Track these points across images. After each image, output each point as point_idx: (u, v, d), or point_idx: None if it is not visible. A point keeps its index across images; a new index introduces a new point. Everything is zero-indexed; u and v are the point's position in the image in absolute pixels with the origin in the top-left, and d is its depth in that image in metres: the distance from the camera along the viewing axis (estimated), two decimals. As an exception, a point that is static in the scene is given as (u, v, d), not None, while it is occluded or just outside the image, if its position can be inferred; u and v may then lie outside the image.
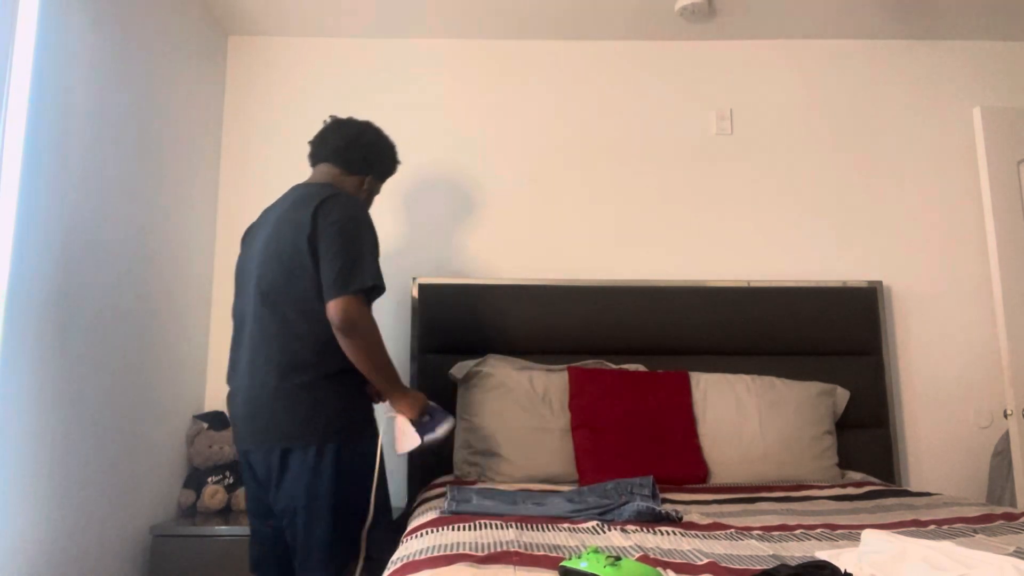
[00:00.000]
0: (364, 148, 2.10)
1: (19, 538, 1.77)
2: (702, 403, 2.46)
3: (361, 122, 2.14)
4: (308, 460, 1.78)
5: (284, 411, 1.82)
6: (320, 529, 1.79)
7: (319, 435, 1.79)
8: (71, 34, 1.98)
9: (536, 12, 2.82)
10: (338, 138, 2.08)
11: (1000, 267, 2.70)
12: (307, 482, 1.79)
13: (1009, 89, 3.00)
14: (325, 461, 1.78)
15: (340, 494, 1.79)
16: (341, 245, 1.80)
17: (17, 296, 1.76)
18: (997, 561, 1.05)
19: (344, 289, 1.76)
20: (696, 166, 2.94)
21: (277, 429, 1.82)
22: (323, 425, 1.80)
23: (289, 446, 1.80)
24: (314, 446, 1.78)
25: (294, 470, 1.79)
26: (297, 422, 1.81)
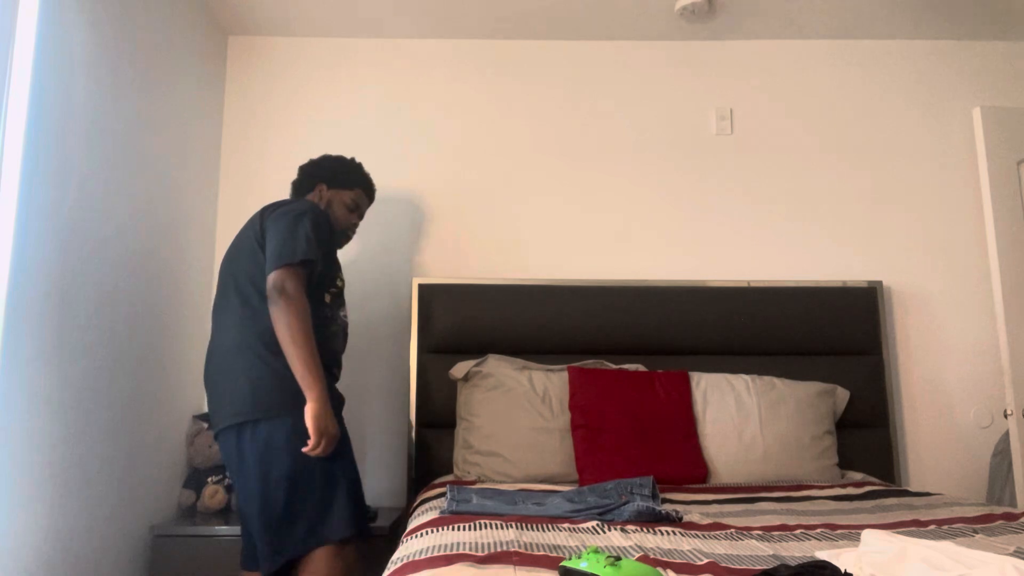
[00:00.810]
0: (307, 169, 2.29)
1: (19, 538, 1.77)
2: (702, 403, 2.46)
3: (314, 158, 2.34)
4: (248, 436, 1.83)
5: (218, 388, 1.91)
6: (253, 511, 1.82)
7: (246, 411, 1.83)
8: (71, 34, 1.98)
9: (536, 12, 2.82)
10: (295, 180, 2.32)
11: (1000, 267, 2.70)
12: (242, 463, 1.84)
13: (1009, 89, 3.00)
14: (263, 437, 1.82)
15: (265, 474, 1.80)
16: (281, 227, 1.91)
17: (17, 296, 1.76)
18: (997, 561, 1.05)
19: (277, 261, 1.85)
20: (696, 166, 2.94)
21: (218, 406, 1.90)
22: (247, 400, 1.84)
23: (230, 424, 1.86)
24: (236, 424, 1.83)
25: (239, 447, 1.85)
26: (226, 399, 1.88)
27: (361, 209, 2.31)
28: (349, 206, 2.26)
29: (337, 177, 2.27)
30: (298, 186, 2.30)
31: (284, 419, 1.82)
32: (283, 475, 1.80)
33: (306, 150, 2.92)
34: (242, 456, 1.83)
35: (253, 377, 1.85)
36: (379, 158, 2.90)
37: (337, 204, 2.25)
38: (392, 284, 2.83)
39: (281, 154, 2.92)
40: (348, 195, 2.26)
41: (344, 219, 2.26)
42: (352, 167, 2.31)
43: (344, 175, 2.27)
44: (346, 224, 2.28)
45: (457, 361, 2.56)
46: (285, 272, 1.84)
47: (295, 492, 1.80)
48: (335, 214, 2.24)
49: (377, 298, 2.83)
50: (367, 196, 2.34)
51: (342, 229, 2.28)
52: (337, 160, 2.31)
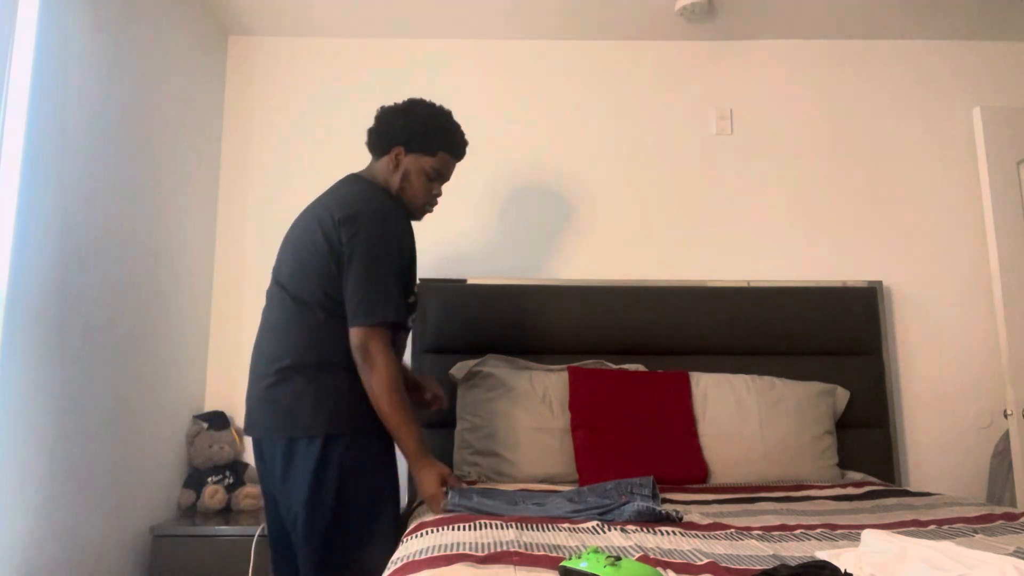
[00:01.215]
0: (384, 124, 1.93)
1: (19, 538, 1.77)
2: (702, 403, 2.46)
3: (400, 103, 1.97)
4: (302, 452, 1.71)
5: (273, 402, 1.77)
6: (306, 531, 1.72)
7: (303, 425, 1.72)
8: (71, 34, 1.98)
9: (536, 12, 2.82)
10: (372, 127, 1.98)
11: (1000, 267, 2.70)
12: (290, 477, 1.73)
13: (1009, 89, 2.99)
14: (316, 454, 1.70)
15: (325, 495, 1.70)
16: (366, 264, 1.72)
17: (17, 296, 1.76)
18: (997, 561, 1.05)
19: (365, 319, 1.70)
20: (696, 166, 2.94)
21: (267, 420, 1.77)
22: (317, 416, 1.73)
23: (285, 437, 1.74)
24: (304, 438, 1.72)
25: (290, 462, 1.73)
26: (288, 412, 1.75)
27: (445, 176, 1.96)
28: (430, 175, 1.92)
29: (415, 140, 1.90)
30: (373, 142, 1.95)
31: (339, 438, 1.73)
32: (331, 493, 1.70)
33: (306, 150, 2.92)
34: (291, 468, 1.73)
35: (312, 393, 1.74)
36: (379, 158, 2.90)
37: (415, 174, 1.91)
38: (392, 284, 2.83)
39: (281, 154, 2.92)
40: (429, 163, 1.91)
41: (422, 192, 1.92)
42: (434, 126, 1.92)
43: (425, 137, 1.90)
44: (424, 199, 1.94)
45: (457, 361, 2.56)
46: (368, 334, 1.70)
47: (341, 512, 1.71)
48: (412, 187, 1.91)
49: (377, 298, 2.82)
50: (454, 158, 1.97)
51: (421, 204, 1.95)
52: (417, 116, 1.92)
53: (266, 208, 2.88)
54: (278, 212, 2.87)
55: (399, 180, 1.91)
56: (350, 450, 1.74)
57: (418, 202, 1.94)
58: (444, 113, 1.96)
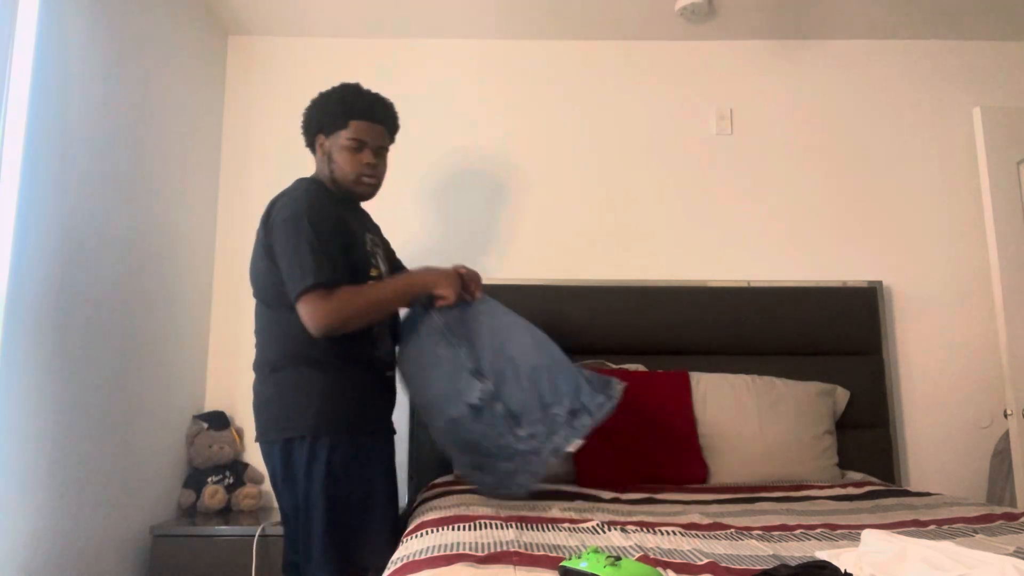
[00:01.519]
0: (303, 124, 1.98)
1: (19, 538, 1.77)
2: (702, 403, 2.46)
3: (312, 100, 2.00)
4: (296, 455, 1.74)
5: (263, 406, 1.82)
6: (307, 531, 1.74)
7: (291, 427, 1.74)
8: (71, 34, 1.98)
9: (536, 12, 2.82)
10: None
11: (1000, 267, 2.70)
12: (286, 480, 1.76)
13: (1009, 89, 2.99)
14: (305, 456, 1.72)
15: (316, 494, 1.72)
16: (282, 244, 1.75)
17: (17, 296, 1.76)
18: (997, 561, 1.05)
19: (293, 293, 1.71)
20: (696, 166, 2.94)
21: (261, 425, 1.82)
22: (293, 416, 1.75)
23: (270, 439, 1.78)
24: (292, 440, 1.74)
25: (286, 465, 1.76)
26: (268, 415, 1.80)
27: (371, 143, 1.89)
28: (351, 147, 1.87)
29: (327, 121, 1.90)
30: (307, 146, 2.00)
31: (326, 438, 1.74)
32: (321, 493, 1.72)
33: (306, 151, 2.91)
34: (285, 470, 1.75)
35: (296, 394, 1.76)
36: (379, 158, 2.89)
37: (337, 151, 1.88)
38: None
39: (281, 154, 2.92)
40: (344, 135, 1.87)
41: (350, 167, 1.88)
42: (337, 99, 1.90)
43: (331, 114, 1.89)
44: (354, 169, 1.88)
45: (457, 361, 2.56)
46: (306, 306, 1.69)
47: (333, 512, 1.73)
48: (339, 164, 1.89)
49: (377, 298, 2.82)
50: (374, 123, 1.91)
51: (353, 178, 1.89)
52: (322, 98, 1.93)
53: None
54: (278, 212, 2.87)
55: (328, 164, 1.92)
56: (339, 449, 1.74)
57: (349, 177, 1.90)
58: (346, 85, 1.94)
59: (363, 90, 1.94)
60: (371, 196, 1.98)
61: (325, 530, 1.72)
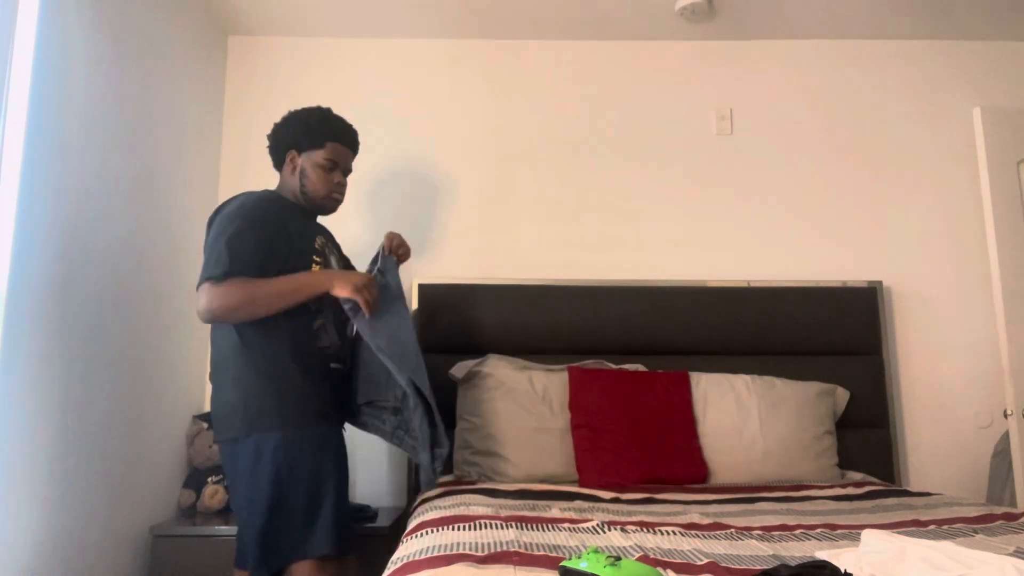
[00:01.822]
0: (273, 139, 2.10)
1: (19, 538, 1.77)
2: (702, 403, 2.46)
3: (283, 117, 2.12)
4: (240, 452, 1.83)
5: (214, 401, 1.92)
6: (242, 526, 1.87)
7: (237, 425, 1.84)
8: (71, 34, 1.98)
9: (536, 12, 2.82)
10: (269, 147, 2.14)
11: (1000, 267, 2.70)
12: (235, 476, 1.86)
13: (1009, 89, 2.99)
14: (252, 452, 1.82)
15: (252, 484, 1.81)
16: (209, 237, 1.86)
17: (17, 296, 1.76)
18: (997, 561, 1.05)
19: (200, 278, 1.79)
20: (696, 166, 2.94)
21: (214, 420, 1.92)
22: (239, 414, 1.84)
23: (224, 439, 1.88)
24: (239, 439, 1.84)
25: (233, 462, 1.86)
26: (219, 416, 1.89)
27: (341, 164, 2.07)
28: (325, 166, 2.03)
29: (302, 139, 2.03)
30: (273, 157, 2.12)
31: (271, 433, 1.82)
32: (266, 487, 1.79)
33: (306, 150, 2.92)
34: (234, 466, 1.85)
35: (240, 393, 1.85)
36: (378, 158, 2.89)
37: (311, 168, 2.03)
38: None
39: (281, 154, 2.92)
40: (319, 155, 2.02)
41: (323, 184, 2.03)
42: (316, 120, 2.05)
43: (309, 133, 2.03)
44: (326, 187, 2.04)
45: (457, 361, 2.56)
46: (201, 294, 1.77)
47: (278, 505, 1.80)
48: (311, 181, 2.03)
49: (377, 298, 2.82)
50: (346, 147, 2.08)
51: (324, 194, 2.05)
52: (298, 118, 2.06)
53: (266, 208, 2.88)
54: (278, 212, 2.87)
55: (299, 180, 2.04)
56: (283, 444, 1.82)
57: (321, 193, 2.04)
58: (322, 109, 2.09)
59: (337, 115, 2.10)
60: (334, 211, 2.13)
61: (265, 523, 1.80)
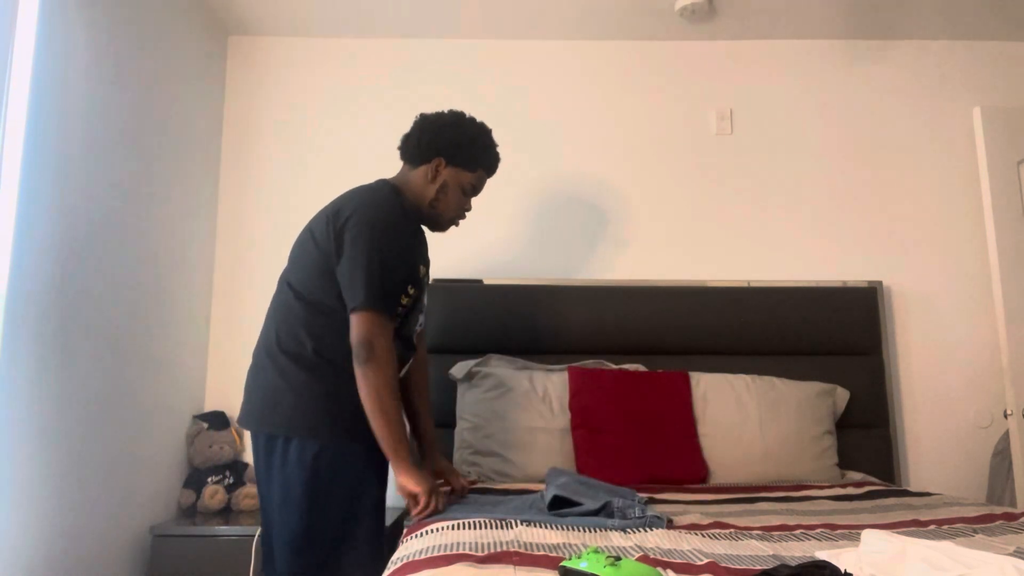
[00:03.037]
0: (428, 134, 1.89)
1: (19, 538, 1.77)
2: (702, 403, 2.46)
3: (444, 113, 1.94)
4: (279, 450, 1.70)
5: (258, 392, 1.75)
6: (276, 531, 1.71)
7: (286, 423, 1.70)
8: (71, 34, 1.98)
9: (537, 12, 2.82)
10: (410, 133, 1.93)
11: (1000, 267, 2.70)
12: (269, 475, 1.72)
13: (1009, 89, 2.99)
14: (293, 454, 1.68)
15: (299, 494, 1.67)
16: (359, 251, 1.69)
17: (17, 296, 1.76)
18: (997, 561, 1.05)
19: (363, 304, 1.66)
20: (696, 166, 2.94)
21: (252, 409, 1.76)
22: (291, 414, 1.70)
23: (262, 431, 1.73)
24: (282, 436, 1.70)
25: (268, 459, 1.72)
26: (265, 405, 1.73)
27: (479, 190, 1.96)
28: (467, 191, 1.90)
29: (459, 154, 1.87)
30: (412, 150, 1.90)
31: (319, 440, 1.69)
32: (303, 496, 1.68)
33: (306, 149, 2.92)
34: (269, 465, 1.72)
35: (298, 390, 1.71)
36: (378, 158, 2.89)
37: (453, 188, 1.88)
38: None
39: (281, 154, 2.92)
40: (468, 178, 1.89)
41: (456, 205, 1.90)
42: (479, 144, 1.90)
43: (469, 153, 1.88)
44: (457, 212, 1.92)
45: (457, 361, 2.56)
46: (372, 322, 1.65)
47: (313, 516, 1.68)
48: (448, 200, 1.89)
49: (377, 298, 2.82)
50: (489, 175, 1.97)
51: (452, 217, 1.92)
52: (464, 131, 1.90)
53: (266, 207, 2.89)
54: (278, 211, 2.88)
55: (435, 191, 1.88)
56: (327, 453, 1.70)
57: (450, 214, 1.92)
58: (488, 131, 1.95)
59: (494, 142, 1.97)
60: (444, 232, 2.04)
61: (302, 534, 1.68)
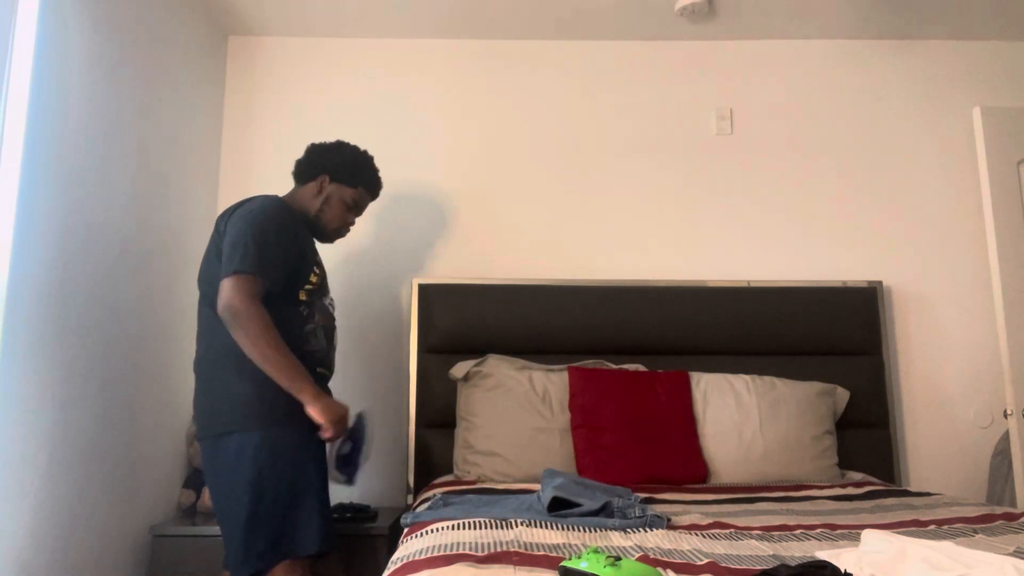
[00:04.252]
0: (315, 155, 2.15)
1: (19, 538, 1.77)
2: (702, 403, 2.46)
3: (329, 141, 2.21)
4: (222, 448, 1.83)
5: (197, 404, 1.92)
6: (222, 525, 1.84)
7: (220, 423, 1.84)
8: (71, 34, 1.98)
9: (536, 12, 2.82)
10: (300, 158, 2.18)
11: (1000, 267, 2.70)
12: (214, 472, 1.85)
13: (1009, 89, 2.99)
14: (232, 448, 1.81)
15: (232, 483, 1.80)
16: (230, 235, 1.86)
17: (16, 295, 1.76)
18: (997, 561, 1.05)
19: (226, 270, 1.80)
20: (696, 166, 2.94)
21: (196, 421, 1.92)
22: (223, 412, 1.84)
23: (204, 436, 1.88)
24: (221, 436, 1.83)
25: (213, 459, 1.85)
26: (200, 413, 1.90)
27: (361, 207, 2.21)
28: (348, 204, 2.15)
29: (341, 172, 2.13)
30: (301, 170, 2.16)
31: (253, 432, 1.81)
32: (247, 485, 1.78)
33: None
34: (213, 466, 1.85)
35: (225, 391, 1.85)
36: (378, 158, 2.88)
37: (336, 201, 2.13)
38: (392, 284, 2.83)
39: (281, 154, 2.92)
40: (350, 193, 2.15)
41: (340, 217, 2.15)
42: (360, 164, 2.17)
43: (350, 172, 2.14)
44: (340, 223, 2.17)
45: (457, 361, 2.56)
46: (232, 285, 1.77)
47: (259, 503, 1.79)
48: (331, 211, 2.13)
49: (377, 298, 2.83)
50: (370, 194, 2.23)
51: (336, 227, 2.16)
52: (345, 153, 2.16)
53: (266, 208, 2.88)
54: (278, 212, 2.87)
55: (320, 203, 2.12)
56: (265, 444, 1.81)
57: (333, 225, 2.15)
58: (367, 156, 2.21)
59: (376, 167, 2.23)
60: (331, 243, 2.26)
61: (246, 523, 1.78)
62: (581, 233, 2.88)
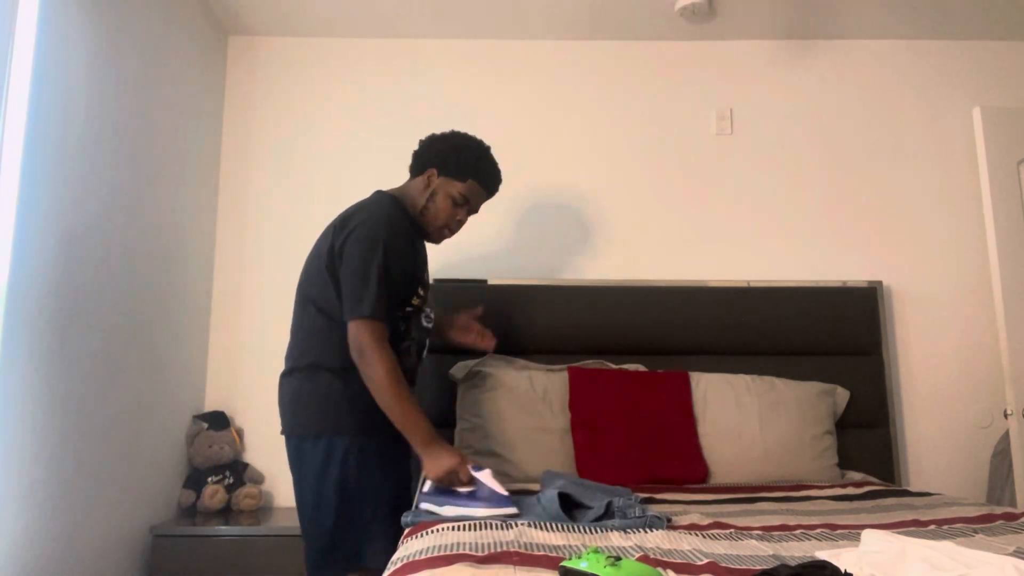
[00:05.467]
0: (424, 146, 2.01)
1: (19, 538, 1.77)
2: (702, 403, 2.46)
3: (446, 132, 2.05)
4: (308, 452, 1.82)
5: (286, 399, 1.89)
6: (305, 529, 1.84)
7: (312, 426, 1.82)
8: (71, 34, 1.98)
9: (536, 12, 2.82)
10: (416, 149, 2.04)
11: (1000, 267, 2.70)
12: (300, 475, 1.84)
13: (1009, 89, 2.99)
14: (320, 453, 1.80)
15: (317, 492, 1.80)
16: (353, 264, 1.80)
17: (17, 296, 1.76)
18: (997, 561, 1.05)
19: (350, 314, 1.77)
20: (696, 166, 2.94)
21: (283, 417, 1.90)
22: (313, 416, 1.82)
23: (292, 435, 1.86)
24: (308, 437, 1.82)
25: (299, 461, 1.84)
26: (292, 412, 1.87)
27: (472, 204, 2.00)
28: (456, 200, 1.96)
29: (449, 164, 1.95)
30: (413, 163, 2.03)
31: (344, 437, 1.80)
32: (334, 491, 1.78)
33: (306, 150, 2.92)
34: (300, 466, 1.84)
35: (321, 392, 1.83)
36: (377, 158, 2.89)
37: (442, 196, 1.95)
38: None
39: (281, 154, 2.92)
40: (457, 187, 1.95)
41: (445, 214, 1.97)
42: (468, 155, 1.98)
43: (456, 163, 1.96)
44: (447, 220, 1.98)
45: (457, 361, 2.56)
46: (360, 330, 1.75)
47: (344, 511, 1.78)
48: (436, 206, 1.96)
49: (377, 298, 2.82)
50: (484, 189, 2.01)
51: (440, 226, 1.99)
52: (454, 144, 1.99)
53: (266, 208, 2.89)
54: (278, 212, 2.88)
55: (425, 199, 1.97)
56: (353, 450, 1.81)
57: (438, 222, 1.99)
58: (481, 145, 2.01)
59: (494, 161, 2.04)
60: (438, 243, 2.08)
61: (331, 530, 1.78)
62: (581, 233, 2.88)
